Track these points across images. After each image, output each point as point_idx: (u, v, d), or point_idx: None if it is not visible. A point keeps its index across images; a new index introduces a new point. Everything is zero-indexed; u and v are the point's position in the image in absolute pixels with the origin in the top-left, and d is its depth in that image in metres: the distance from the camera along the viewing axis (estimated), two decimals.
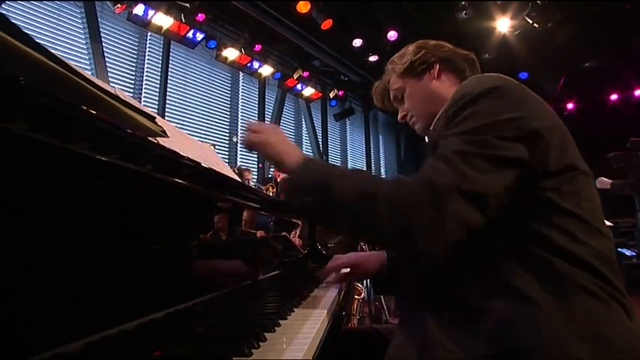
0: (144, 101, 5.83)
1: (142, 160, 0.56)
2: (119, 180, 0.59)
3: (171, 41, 6.21)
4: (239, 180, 1.23)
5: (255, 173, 7.29)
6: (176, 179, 0.69)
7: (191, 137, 1.32)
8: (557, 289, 0.71)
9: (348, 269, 1.31)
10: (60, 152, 0.43)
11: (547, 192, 0.75)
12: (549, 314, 0.68)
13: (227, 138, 7.20)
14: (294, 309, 0.87)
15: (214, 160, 1.21)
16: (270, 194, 5.05)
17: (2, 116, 0.31)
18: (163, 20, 5.61)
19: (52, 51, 0.40)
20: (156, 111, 5.34)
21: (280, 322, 0.74)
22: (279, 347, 0.60)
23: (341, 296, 1.20)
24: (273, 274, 1.44)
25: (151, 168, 0.58)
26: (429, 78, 1.07)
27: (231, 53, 6.60)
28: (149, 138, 0.60)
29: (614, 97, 9.58)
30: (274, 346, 0.61)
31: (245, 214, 1.29)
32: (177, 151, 0.70)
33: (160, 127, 0.61)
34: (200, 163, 0.76)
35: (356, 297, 3.27)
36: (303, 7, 5.92)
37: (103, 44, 5.44)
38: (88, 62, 5.24)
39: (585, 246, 0.74)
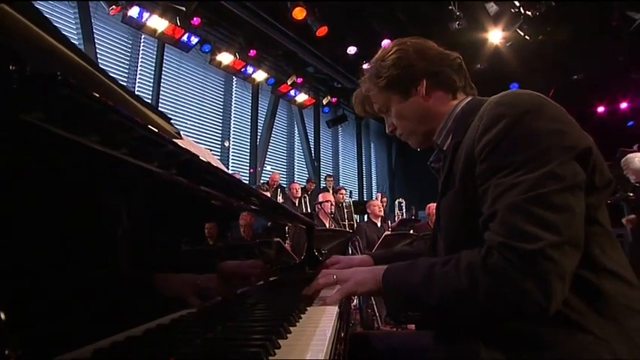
0: None
1: (169, 161, 0.55)
2: (137, 181, 0.57)
3: (165, 44, 6.19)
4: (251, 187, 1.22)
5: (247, 178, 7.26)
6: (197, 183, 0.68)
7: (190, 140, 1.31)
8: (606, 310, 0.71)
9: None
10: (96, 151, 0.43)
11: (590, 209, 0.73)
12: (607, 342, 0.68)
13: (219, 142, 7.17)
14: (301, 315, 0.86)
15: (218, 165, 1.20)
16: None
17: (41, 112, 0.30)
18: (158, 23, 5.59)
19: None
20: None
21: (291, 328, 0.73)
22: (295, 354, 0.59)
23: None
24: (270, 279, 1.43)
25: (175, 170, 0.57)
26: (416, 97, 0.98)
27: (225, 58, 6.60)
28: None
29: (601, 109, 9.81)
30: (290, 354, 0.60)
31: (242, 219, 1.27)
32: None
33: (176, 129, 0.60)
34: (220, 169, 0.76)
35: None
36: (298, 14, 5.95)
37: (96, 45, 5.39)
38: None
39: (613, 259, 0.74)
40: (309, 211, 5.80)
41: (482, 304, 0.70)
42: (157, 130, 0.50)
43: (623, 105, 9.81)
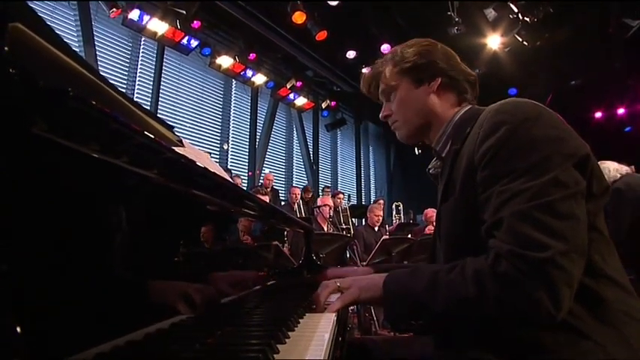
0: None
1: (173, 170, 0.56)
2: (137, 188, 0.58)
3: (165, 47, 6.20)
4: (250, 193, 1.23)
5: (245, 180, 7.26)
6: (195, 189, 0.69)
7: (190, 144, 1.31)
8: (605, 316, 0.71)
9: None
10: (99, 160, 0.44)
11: (589, 216, 0.74)
12: (606, 348, 0.69)
13: (218, 145, 7.17)
14: (300, 320, 0.87)
15: (217, 169, 1.20)
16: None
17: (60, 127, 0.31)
18: (158, 26, 5.59)
19: None
20: None
21: (289, 333, 0.74)
22: (294, 358, 0.60)
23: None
24: (268, 283, 1.43)
25: (175, 177, 0.58)
26: (427, 89, 1.00)
27: (224, 61, 6.61)
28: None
29: (598, 114, 9.85)
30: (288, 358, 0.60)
31: (241, 223, 1.28)
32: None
33: (178, 137, 0.61)
34: (223, 177, 0.76)
35: None
36: (298, 18, 5.97)
37: (96, 48, 5.39)
38: None
39: (611, 266, 0.75)
40: (304, 215, 5.80)
41: (489, 311, 0.70)
42: (153, 137, 0.51)
43: (620, 111, 9.85)
